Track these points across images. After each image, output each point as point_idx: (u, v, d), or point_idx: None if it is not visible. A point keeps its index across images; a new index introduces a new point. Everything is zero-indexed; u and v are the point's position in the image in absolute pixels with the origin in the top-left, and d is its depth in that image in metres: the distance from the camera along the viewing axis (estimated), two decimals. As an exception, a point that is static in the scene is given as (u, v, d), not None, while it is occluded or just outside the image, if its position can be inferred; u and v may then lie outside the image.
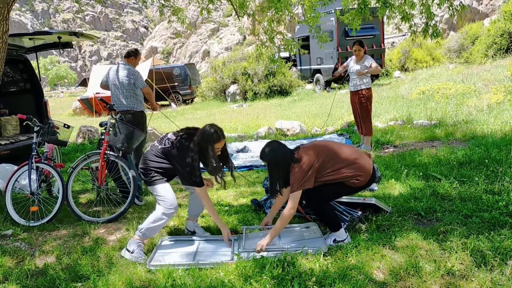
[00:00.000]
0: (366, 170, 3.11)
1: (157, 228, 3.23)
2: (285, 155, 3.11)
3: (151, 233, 3.26)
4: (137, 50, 5.24)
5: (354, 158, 3.11)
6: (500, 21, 16.90)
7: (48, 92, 46.37)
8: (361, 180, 3.10)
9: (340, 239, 3.12)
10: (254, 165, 5.99)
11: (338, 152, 3.14)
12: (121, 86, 4.97)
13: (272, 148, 3.14)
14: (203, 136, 3.15)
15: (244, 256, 2.98)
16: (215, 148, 3.17)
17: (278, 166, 3.10)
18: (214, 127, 3.19)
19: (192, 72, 21.45)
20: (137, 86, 5.01)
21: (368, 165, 3.14)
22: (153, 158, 3.30)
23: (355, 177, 3.07)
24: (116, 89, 5.01)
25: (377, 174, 4.66)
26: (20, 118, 4.82)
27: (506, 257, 2.70)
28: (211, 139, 3.14)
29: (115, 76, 5.03)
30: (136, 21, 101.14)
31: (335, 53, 16.45)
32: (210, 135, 3.14)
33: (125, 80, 4.96)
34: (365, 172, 3.11)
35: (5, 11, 3.32)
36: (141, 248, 3.21)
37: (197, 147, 3.15)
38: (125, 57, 5.17)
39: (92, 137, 9.31)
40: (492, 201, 3.66)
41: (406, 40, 22.76)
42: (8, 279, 2.93)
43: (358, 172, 3.07)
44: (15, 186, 4.24)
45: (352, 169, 3.07)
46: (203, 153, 3.15)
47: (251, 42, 51.38)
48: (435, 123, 7.63)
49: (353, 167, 3.07)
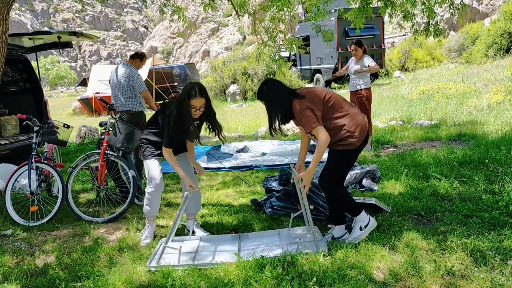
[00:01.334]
0: (363, 127, 2.99)
1: (152, 206, 3.47)
2: (285, 92, 3.00)
3: (151, 212, 3.51)
4: (144, 54, 5.27)
5: (354, 112, 3.02)
6: (500, 21, 16.91)
7: (48, 92, 46.36)
8: (356, 138, 2.95)
9: (364, 223, 3.07)
10: (254, 165, 5.99)
11: (340, 99, 3.05)
12: (120, 86, 4.99)
13: (269, 87, 3.04)
14: (182, 92, 3.19)
15: (244, 256, 2.98)
16: (191, 105, 3.14)
17: (277, 104, 2.98)
18: (194, 84, 3.20)
19: (192, 72, 21.43)
20: (136, 89, 5.01)
21: (363, 122, 3.04)
22: (146, 130, 3.47)
23: (352, 132, 2.94)
24: (116, 88, 5.04)
25: (377, 174, 4.67)
26: (20, 118, 4.82)
27: (506, 257, 2.70)
28: (187, 95, 3.13)
29: (115, 76, 5.06)
30: (136, 20, 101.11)
31: (335, 53, 16.46)
32: (187, 90, 3.14)
33: (124, 81, 4.98)
34: (361, 129, 2.98)
35: (5, 11, 3.32)
36: (150, 228, 3.51)
37: (176, 102, 3.21)
38: (131, 58, 5.20)
39: (92, 137, 9.31)
40: (492, 201, 3.66)
41: (406, 40, 22.77)
42: (8, 279, 2.93)
43: (355, 126, 2.95)
44: (15, 186, 4.23)
45: (351, 122, 2.96)
46: (180, 109, 3.17)
47: (251, 42, 51.38)
48: (435, 123, 7.63)
49: (352, 121, 2.96)
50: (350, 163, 3.16)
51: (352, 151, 3.01)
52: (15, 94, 6.77)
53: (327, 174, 3.09)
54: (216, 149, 7.25)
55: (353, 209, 3.12)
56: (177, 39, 73.36)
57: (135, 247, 3.40)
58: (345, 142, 2.96)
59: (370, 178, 4.51)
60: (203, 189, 5.02)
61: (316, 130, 2.85)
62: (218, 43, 64.00)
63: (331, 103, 2.97)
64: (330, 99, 2.97)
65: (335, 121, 2.96)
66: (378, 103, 10.61)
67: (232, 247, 3.22)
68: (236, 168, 5.94)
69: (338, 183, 3.12)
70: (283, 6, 5.48)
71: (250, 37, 54.82)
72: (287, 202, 3.93)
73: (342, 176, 3.15)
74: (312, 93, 2.99)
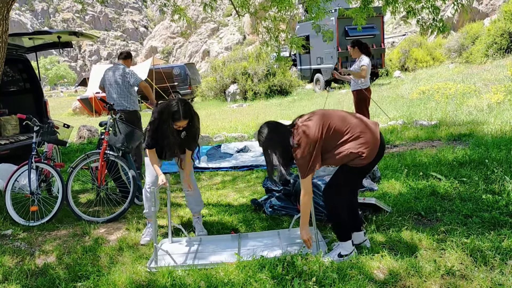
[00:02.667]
0: (372, 143, 2.77)
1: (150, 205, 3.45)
2: (283, 137, 2.81)
3: (150, 212, 3.53)
4: (129, 52, 5.64)
5: (359, 131, 2.77)
6: (500, 21, 16.90)
7: (47, 92, 46.35)
8: (365, 157, 2.74)
9: (345, 252, 2.89)
10: (254, 165, 5.99)
11: (340, 123, 2.81)
12: (115, 85, 5.25)
13: (267, 132, 2.84)
14: (166, 109, 3.17)
15: (244, 256, 2.98)
16: (174, 125, 3.19)
17: (275, 151, 2.80)
18: (179, 105, 3.14)
19: (192, 71, 21.43)
20: (133, 84, 5.26)
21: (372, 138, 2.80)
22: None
23: (361, 153, 2.73)
24: (111, 88, 5.27)
25: (377, 174, 4.66)
26: (19, 117, 4.82)
27: (506, 257, 2.70)
28: (171, 116, 3.15)
29: (109, 77, 5.33)
30: (136, 20, 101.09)
31: (335, 53, 16.45)
32: (171, 112, 3.14)
33: (120, 79, 5.24)
34: (371, 145, 2.76)
35: (5, 11, 3.32)
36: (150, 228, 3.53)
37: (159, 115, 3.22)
38: (123, 59, 5.49)
39: (92, 137, 9.31)
40: (492, 201, 3.66)
41: (406, 40, 22.77)
42: (8, 279, 2.93)
43: (362, 147, 2.74)
44: (15, 186, 4.24)
45: (356, 145, 2.74)
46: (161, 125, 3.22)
47: (251, 42, 51.38)
48: (435, 123, 7.63)
49: (357, 143, 2.74)
50: (358, 179, 3.04)
51: (360, 168, 2.85)
52: (15, 94, 6.76)
53: (329, 183, 2.96)
54: (216, 149, 7.25)
55: (343, 233, 2.92)
56: (177, 39, 73.36)
57: (135, 247, 3.40)
58: (353, 163, 2.81)
59: (370, 178, 4.51)
60: (203, 189, 5.02)
61: (303, 181, 2.81)
62: (218, 43, 64.00)
63: (331, 132, 2.77)
64: (328, 129, 2.77)
65: (339, 149, 2.78)
66: (378, 103, 10.60)
67: (232, 247, 3.22)
68: (236, 168, 5.94)
69: (338, 196, 2.92)
70: (284, 6, 5.48)
71: (250, 37, 54.82)
72: (287, 202, 3.93)
73: (344, 190, 2.94)
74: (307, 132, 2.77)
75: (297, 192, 3.82)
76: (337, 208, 2.92)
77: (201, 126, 3.53)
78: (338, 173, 2.93)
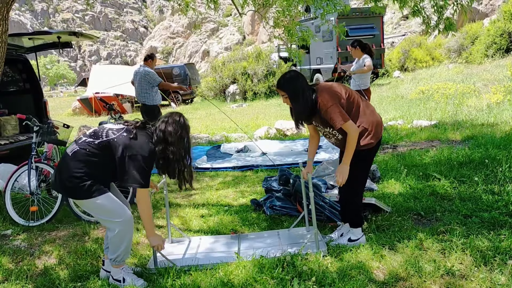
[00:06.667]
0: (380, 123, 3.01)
1: (128, 246, 2.74)
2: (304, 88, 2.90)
3: (126, 254, 2.77)
4: (151, 55, 6.52)
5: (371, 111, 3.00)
6: (500, 21, 16.92)
7: (47, 92, 46.33)
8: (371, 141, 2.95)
9: (355, 237, 3.10)
10: (254, 165, 5.99)
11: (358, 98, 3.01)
12: (139, 82, 6.25)
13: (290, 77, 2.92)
14: (180, 126, 2.68)
15: (244, 256, 2.98)
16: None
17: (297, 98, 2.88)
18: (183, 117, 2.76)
19: (191, 72, 21.44)
20: (152, 83, 6.17)
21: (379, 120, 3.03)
22: (86, 159, 2.57)
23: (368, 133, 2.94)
24: (135, 86, 6.31)
25: (377, 174, 4.67)
26: (19, 118, 4.82)
27: (506, 257, 2.70)
28: (187, 129, 2.75)
29: (135, 76, 6.33)
30: (135, 21, 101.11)
31: (334, 53, 16.45)
32: (187, 125, 2.73)
33: (140, 79, 6.21)
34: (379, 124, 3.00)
35: (5, 11, 3.32)
36: (128, 270, 2.80)
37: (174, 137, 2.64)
38: (144, 60, 6.37)
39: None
40: (491, 201, 3.66)
41: (406, 40, 22.77)
42: (8, 279, 2.93)
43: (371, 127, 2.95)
44: (15, 186, 4.23)
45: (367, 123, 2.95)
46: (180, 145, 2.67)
47: (251, 42, 51.36)
48: (435, 123, 7.63)
49: (368, 121, 2.95)
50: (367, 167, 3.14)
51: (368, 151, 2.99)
52: (14, 94, 6.77)
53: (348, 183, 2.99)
54: (216, 149, 7.25)
55: (356, 220, 3.12)
56: (176, 39, 73.37)
57: (135, 247, 3.40)
58: (363, 142, 2.94)
59: (369, 178, 4.51)
60: (203, 189, 5.02)
61: (346, 125, 2.85)
62: (218, 43, 64.03)
63: (351, 99, 2.95)
64: (349, 96, 2.95)
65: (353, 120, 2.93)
66: (378, 103, 10.62)
67: (232, 247, 3.22)
68: (236, 168, 5.94)
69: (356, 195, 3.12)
70: (287, 5, 5.52)
71: (250, 37, 54.84)
72: (287, 202, 3.93)
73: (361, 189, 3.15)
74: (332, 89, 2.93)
75: (296, 192, 3.82)
76: (356, 204, 3.14)
77: (201, 126, 3.49)
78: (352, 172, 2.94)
